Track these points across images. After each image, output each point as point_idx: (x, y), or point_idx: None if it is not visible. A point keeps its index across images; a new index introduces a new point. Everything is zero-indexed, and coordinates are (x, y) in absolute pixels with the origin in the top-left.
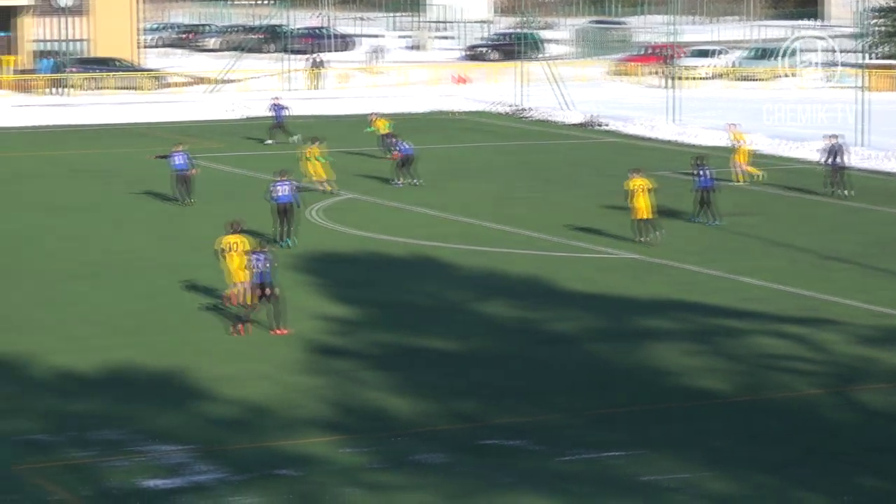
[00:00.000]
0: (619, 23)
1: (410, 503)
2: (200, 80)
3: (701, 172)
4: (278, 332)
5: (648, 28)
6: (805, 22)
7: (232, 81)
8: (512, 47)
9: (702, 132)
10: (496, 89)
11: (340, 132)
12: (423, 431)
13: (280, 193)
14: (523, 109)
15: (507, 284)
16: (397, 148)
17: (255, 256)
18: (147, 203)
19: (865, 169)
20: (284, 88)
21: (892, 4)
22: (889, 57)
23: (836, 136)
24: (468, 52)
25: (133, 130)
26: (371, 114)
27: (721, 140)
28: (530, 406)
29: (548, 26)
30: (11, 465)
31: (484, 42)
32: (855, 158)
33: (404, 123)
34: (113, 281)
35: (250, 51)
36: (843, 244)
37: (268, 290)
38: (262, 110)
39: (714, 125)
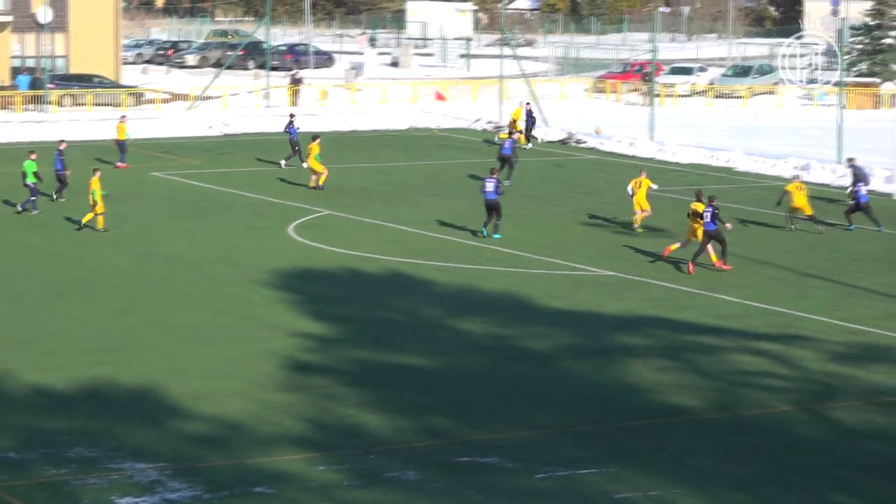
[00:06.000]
0: None
1: None
2: (179, 97)
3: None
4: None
5: (628, 45)
6: (784, 40)
7: (211, 98)
8: None
9: (680, 150)
10: (475, 107)
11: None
12: (397, 448)
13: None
14: (502, 127)
15: (482, 301)
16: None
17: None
18: (119, 220)
19: (842, 186)
20: (263, 105)
21: (870, 23)
22: (867, 75)
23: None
24: None
25: (108, 147)
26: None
27: (700, 158)
28: (504, 423)
29: (528, 43)
30: None
31: None
32: (832, 176)
33: (383, 140)
34: (88, 297)
35: (230, 68)
36: (820, 261)
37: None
38: (242, 127)
39: (693, 143)
